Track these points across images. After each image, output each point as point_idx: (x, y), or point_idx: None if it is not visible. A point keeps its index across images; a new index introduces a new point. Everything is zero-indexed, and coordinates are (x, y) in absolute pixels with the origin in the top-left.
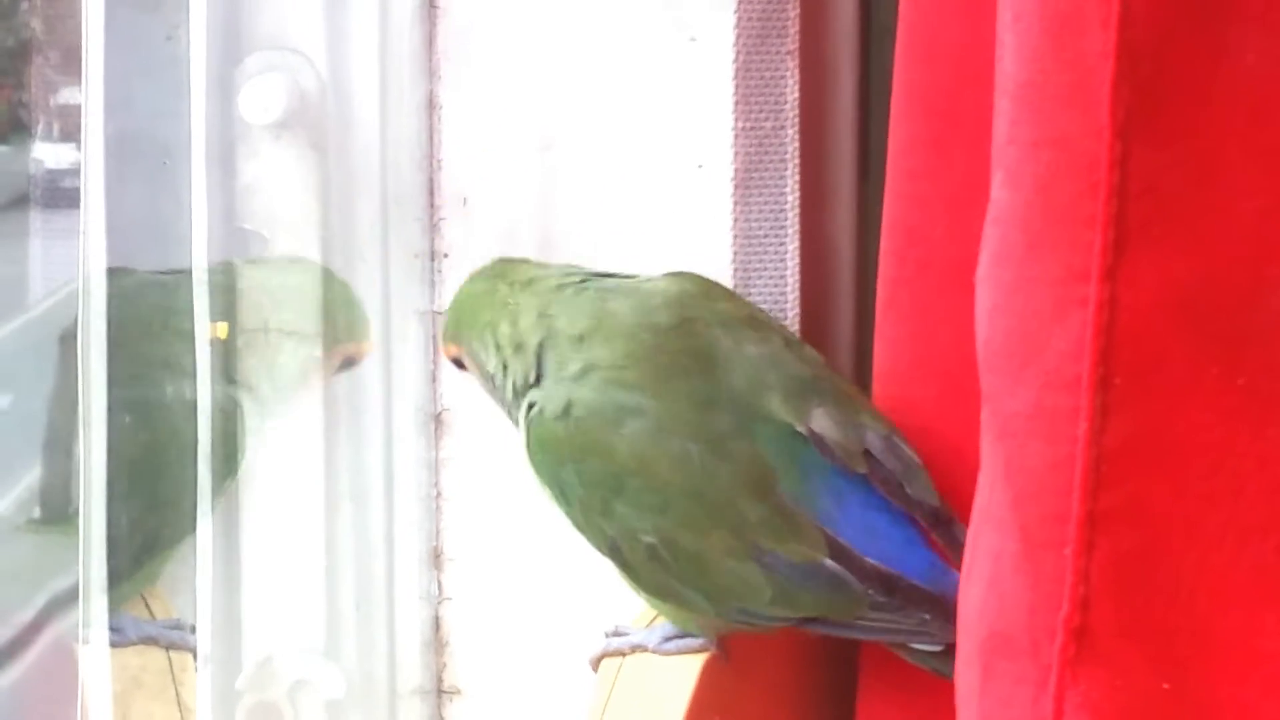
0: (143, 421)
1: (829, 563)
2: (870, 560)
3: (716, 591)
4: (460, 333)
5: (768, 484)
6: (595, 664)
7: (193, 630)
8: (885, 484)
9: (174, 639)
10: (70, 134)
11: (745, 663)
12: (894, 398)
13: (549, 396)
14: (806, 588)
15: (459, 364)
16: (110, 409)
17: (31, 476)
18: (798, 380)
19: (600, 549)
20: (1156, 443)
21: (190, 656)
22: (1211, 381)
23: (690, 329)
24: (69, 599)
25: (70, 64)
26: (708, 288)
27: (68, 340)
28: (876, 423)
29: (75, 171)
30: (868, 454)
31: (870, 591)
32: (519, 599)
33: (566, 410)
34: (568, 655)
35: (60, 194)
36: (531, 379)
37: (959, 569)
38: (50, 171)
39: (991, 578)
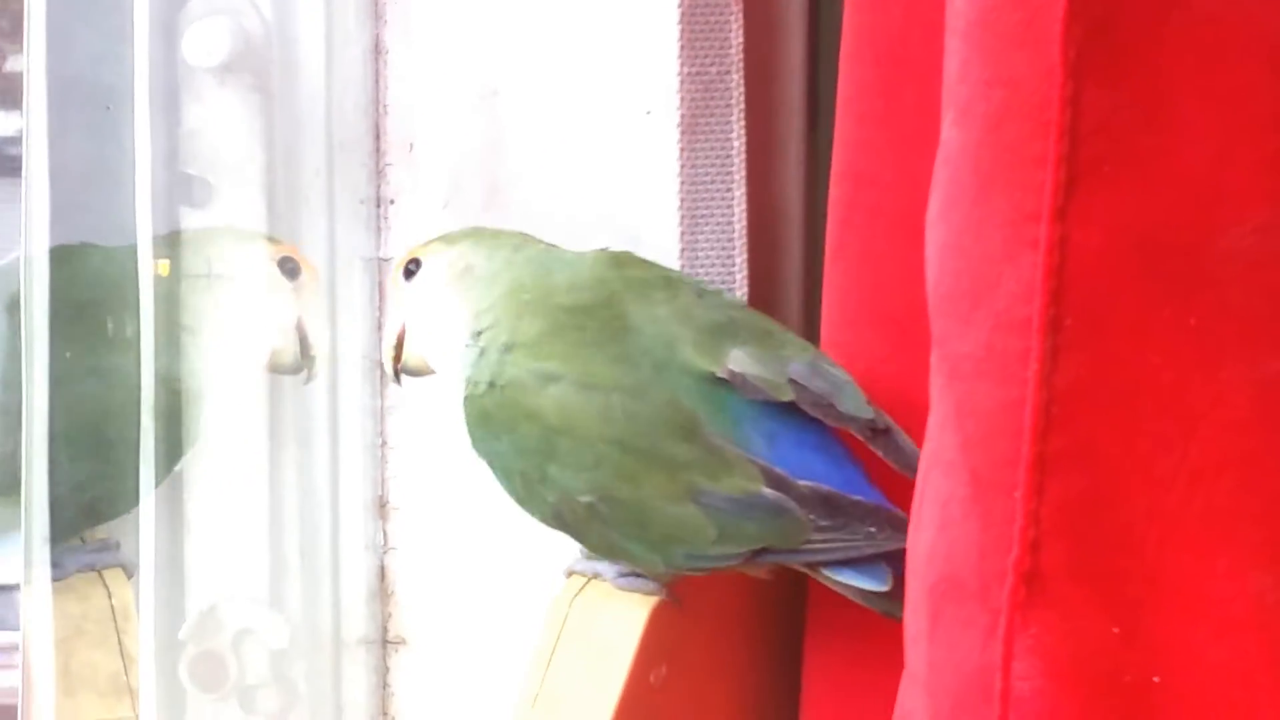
0: (87, 382)
1: (767, 491)
2: (807, 483)
3: (660, 540)
4: (466, 235)
5: (694, 427)
6: (566, 574)
7: (118, 546)
8: (816, 406)
9: (107, 560)
10: (18, 101)
11: (693, 609)
12: (843, 344)
13: (476, 376)
14: (748, 520)
15: (412, 269)
16: (54, 370)
17: None
18: (711, 327)
19: (546, 520)
20: (1107, 385)
21: (132, 605)
22: (1163, 323)
23: (606, 304)
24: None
25: (18, 31)
26: (620, 258)
27: (11, 310)
28: (800, 351)
29: (17, 140)
30: (793, 382)
31: (812, 515)
32: (464, 549)
33: (491, 384)
34: (513, 605)
35: (7, 161)
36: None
37: (899, 476)
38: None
39: (941, 522)
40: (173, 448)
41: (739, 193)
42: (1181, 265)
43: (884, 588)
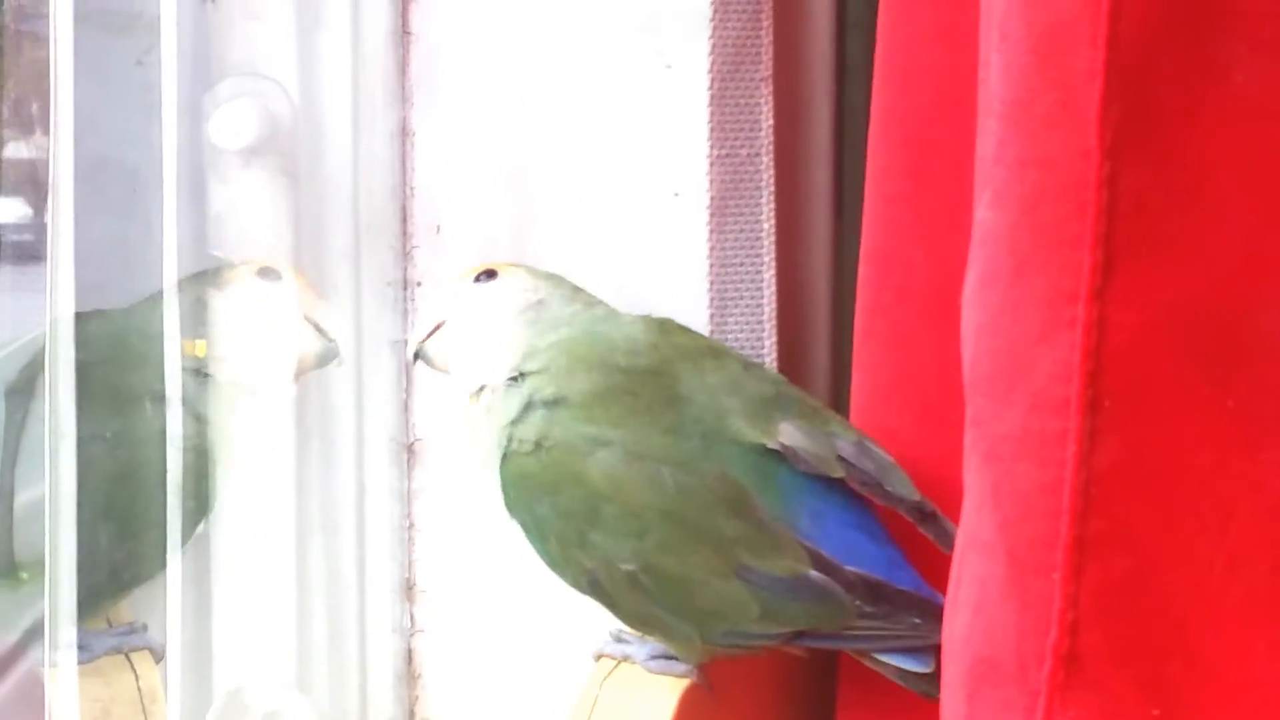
0: (112, 454)
1: (814, 574)
2: (853, 569)
3: (701, 615)
4: (552, 276)
5: (744, 501)
6: (595, 658)
7: (145, 628)
8: (864, 485)
9: (135, 642)
10: (18, 188)
11: (724, 693)
12: (873, 426)
13: (521, 434)
14: (793, 601)
15: (488, 275)
16: (79, 442)
17: None
18: (760, 399)
19: (579, 585)
20: (1146, 466)
21: (159, 688)
22: (1201, 403)
23: (658, 371)
24: (23, 648)
25: (18, 116)
26: (666, 325)
27: (12, 395)
28: (845, 430)
29: (24, 226)
30: (842, 459)
31: (857, 601)
32: (492, 632)
33: (538, 445)
34: (542, 688)
35: (10, 250)
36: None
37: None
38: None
39: (978, 603)
40: (199, 504)
41: (768, 274)
42: (1220, 346)
43: (926, 669)
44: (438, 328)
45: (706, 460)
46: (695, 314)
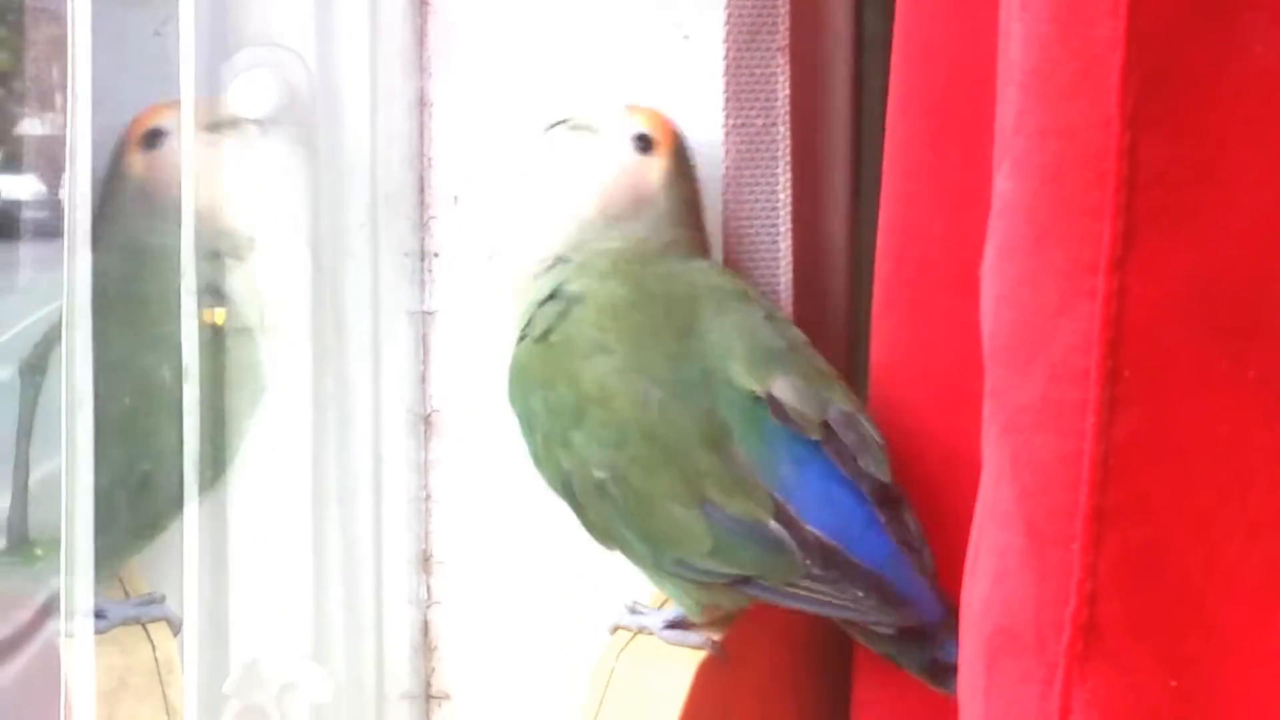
0: (128, 400)
1: (772, 524)
2: (813, 529)
3: (657, 536)
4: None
5: (723, 439)
6: (611, 630)
7: (163, 599)
8: (838, 455)
9: (153, 613)
10: (35, 165)
11: (740, 664)
12: (891, 397)
13: (534, 324)
14: (746, 545)
15: (646, 143)
16: (95, 393)
17: None
18: (768, 350)
19: (554, 485)
20: (1165, 436)
21: (176, 658)
22: (1221, 374)
23: (684, 302)
24: (38, 624)
25: (34, 94)
26: (712, 264)
27: (27, 371)
28: (844, 399)
29: (37, 203)
30: (825, 425)
31: (808, 560)
32: (508, 603)
33: (544, 335)
34: (557, 659)
35: (18, 226)
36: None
37: (903, 549)
38: (17, 203)
39: (997, 573)
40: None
41: (784, 245)
42: (1239, 316)
43: (888, 630)
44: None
45: (698, 393)
46: None
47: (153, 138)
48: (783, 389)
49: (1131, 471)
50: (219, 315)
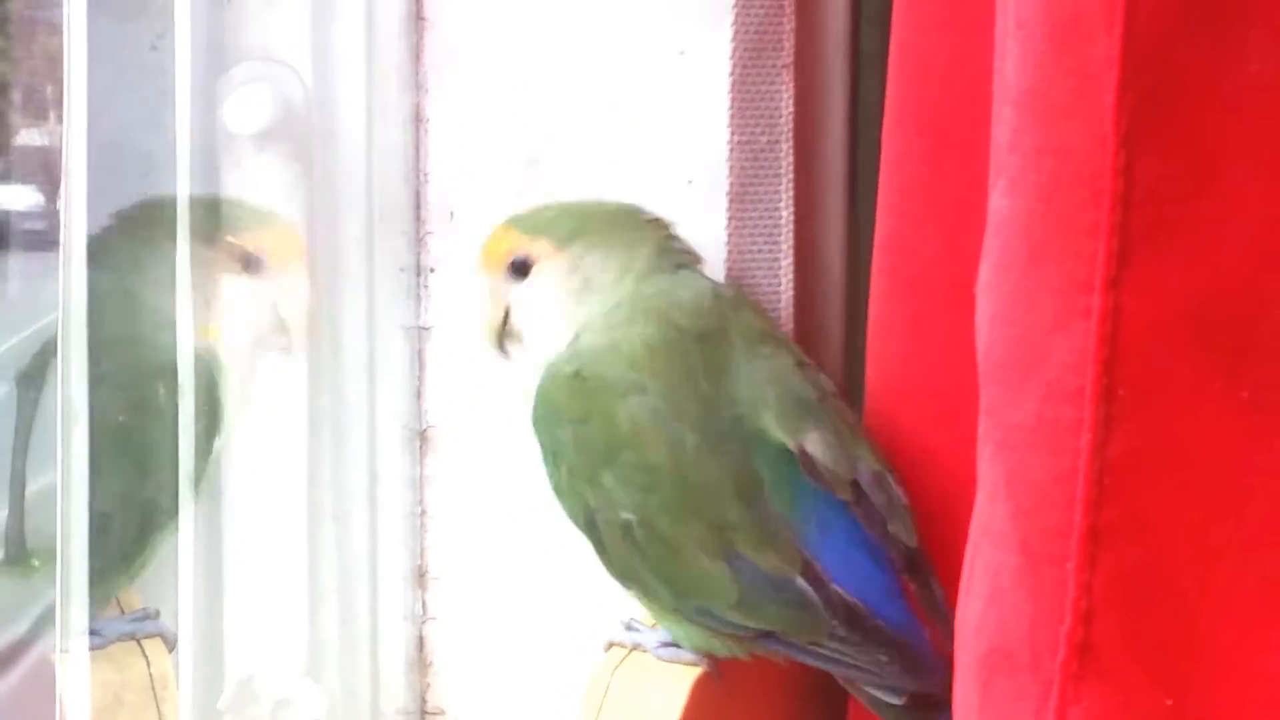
0: (122, 416)
1: (799, 580)
2: (841, 590)
3: (682, 584)
4: (580, 236)
5: (755, 492)
6: (606, 647)
7: (158, 614)
8: (867, 517)
9: (147, 629)
10: (31, 176)
11: (735, 683)
12: (886, 414)
13: (564, 358)
14: (771, 601)
15: (521, 268)
16: (91, 407)
17: None
18: (799, 401)
19: (575, 520)
20: (1160, 456)
21: (171, 674)
22: (1216, 394)
23: (716, 340)
24: (35, 636)
25: (31, 103)
26: (737, 298)
27: (24, 382)
28: (871, 458)
29: (34, 214)
30: (855, 485)
31: (834, 620)
32: (504, 619)
33: (577, 372)
34: (553, 676)
35: (18, 237)
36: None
37: (925, 619)
38: (10, 214)
39: (991, 592)
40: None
41: (785, 262)
42: (1234, 335)
43: (897, 701)
44: (504, 319)
45: (732, 441)
46: None
47: None
48: (815, 444)
49: (1126, 490)
50: (213, 331)
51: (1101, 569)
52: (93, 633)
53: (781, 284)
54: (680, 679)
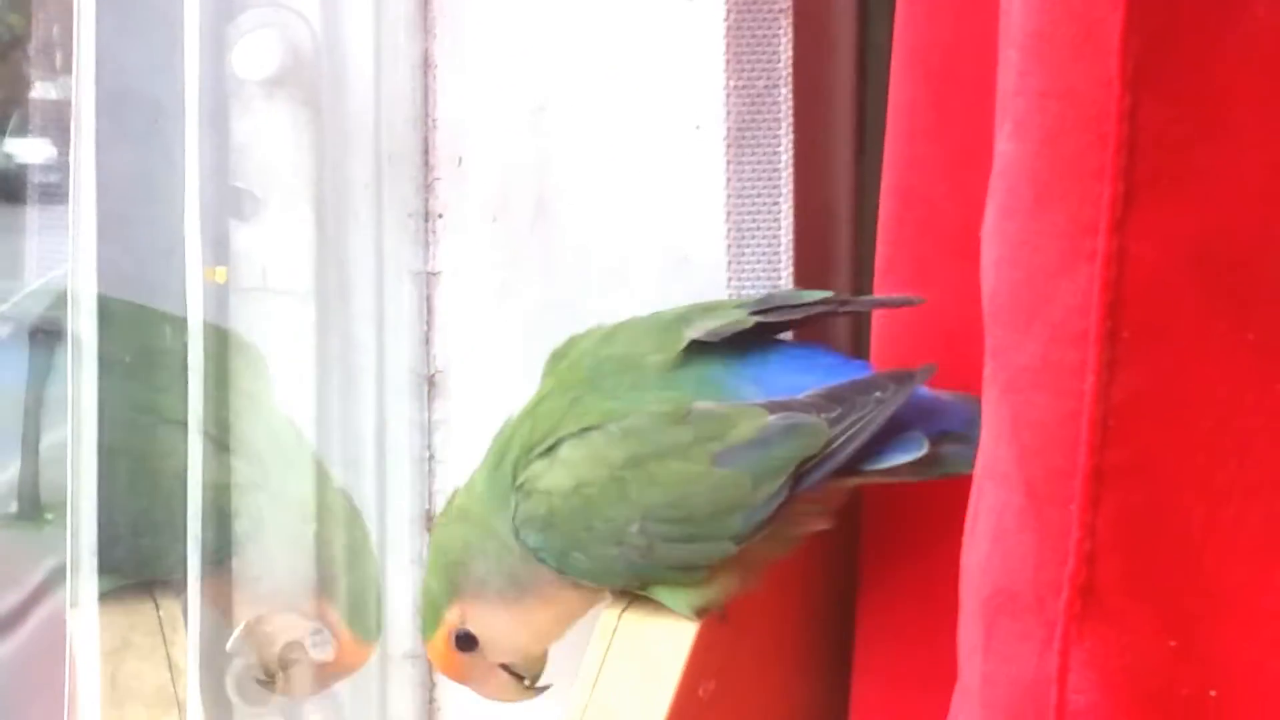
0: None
1: (774, 419)
2: (801, 395)
3: (714, 519)
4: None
5: (685, 409)
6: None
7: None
8: (780, 310)
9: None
10: (45, 129)
11: (741, 624)
12: (892, 360)
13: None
14: (771, 452)
15: (466, 641)
16: (101, 394)
17: (9, 473)
18: (662, 328)
19: (624, 578)
20: (1164, 397)
21: (180, 618)
22: (1220, 336)
23: (567, 376)
24: (49, 589)
25: (45, 57)
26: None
27: (38, 336)
28: (741, 301)
29: (49, 167)
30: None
31: (821, 416)
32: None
33: (516, 507)
34: None
35: (38, 189)
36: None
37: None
38: (26, 167)
39: (995, 534)
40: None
41: (786, 207)
42: (1238, 278)
43: (923, 451)
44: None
45: (640, 401)
46: (713, 248)
47: None
48: (696, 330)
49: (1130, 432)
50: (219, 273)
51: (1105, 510)
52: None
53: (781, 228)
54: (687, 622)
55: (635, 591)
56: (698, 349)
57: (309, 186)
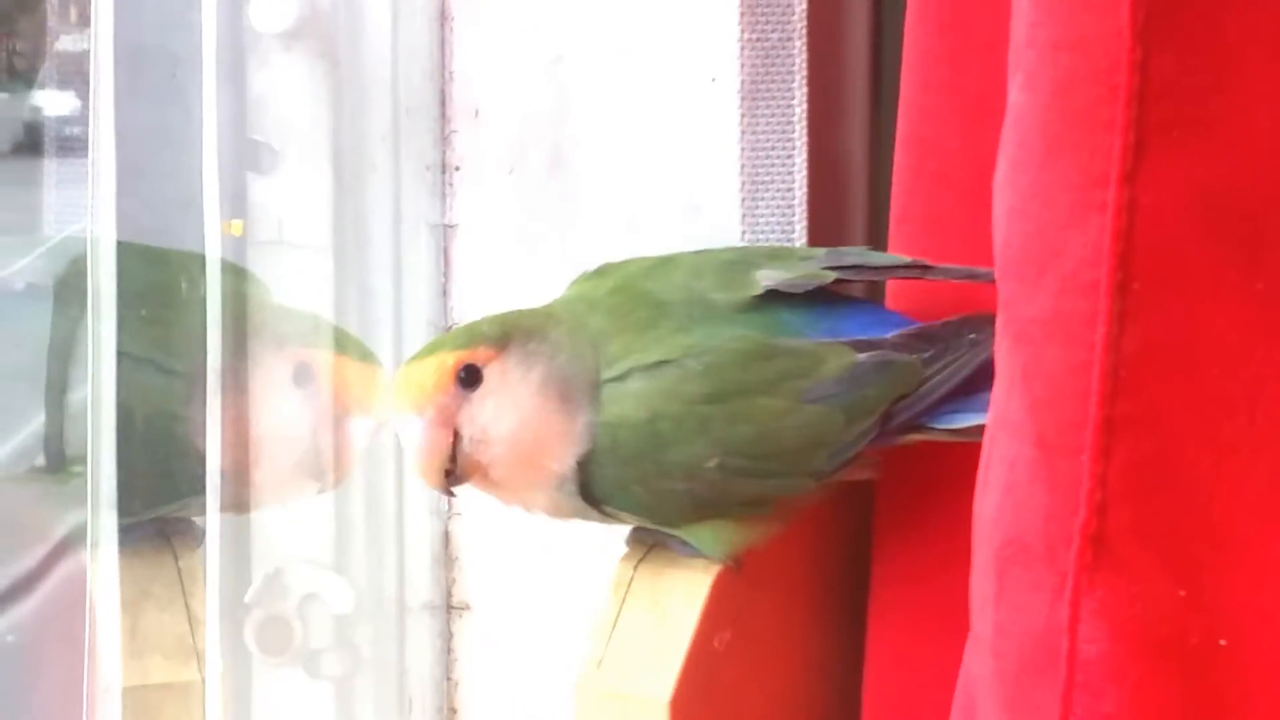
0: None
1: (863, 356)
2: (890, 335)
3: (798, 456)
4: (514, 330)
5: (767, 346)
6: (629, 541)
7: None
8: (857, 270)
9: (175, 526)
10: (67, 81)
11: (757, 575)
12: (907, 310)
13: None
14: (863, 390)
15: (469, 379)
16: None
17: (34, 426)
18: (724, 266)
19: (685, 515)
20: (1174, 348)
21: (199, 569)
22: (1230, 287)
23: (626, 291)
24: (75, 542)
25: (69, 9)
26: (601, 269)
27: (63, 289)
28: (812, 250)
29: (73, 119)
30: (826, 268)
31: (914, 355)
32: (528, 514)
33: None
34: (577, 570)
35: (63, 142)
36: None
37: None
38: (51, 119)
39: (1007, 484)
40: None
41: (799, 159)
42: (1249, 229)
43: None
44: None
45: (716, 336)
46: (727, 199)
47: None
48: (769, 278)
49: (1141, 383)
50: (235, 226)
51: (1116, 461)
52: (121, 529)
53: (795, 180)
54: (702, 570)
55: (667, 531)
56: (768, 293)
57: (326, 139)
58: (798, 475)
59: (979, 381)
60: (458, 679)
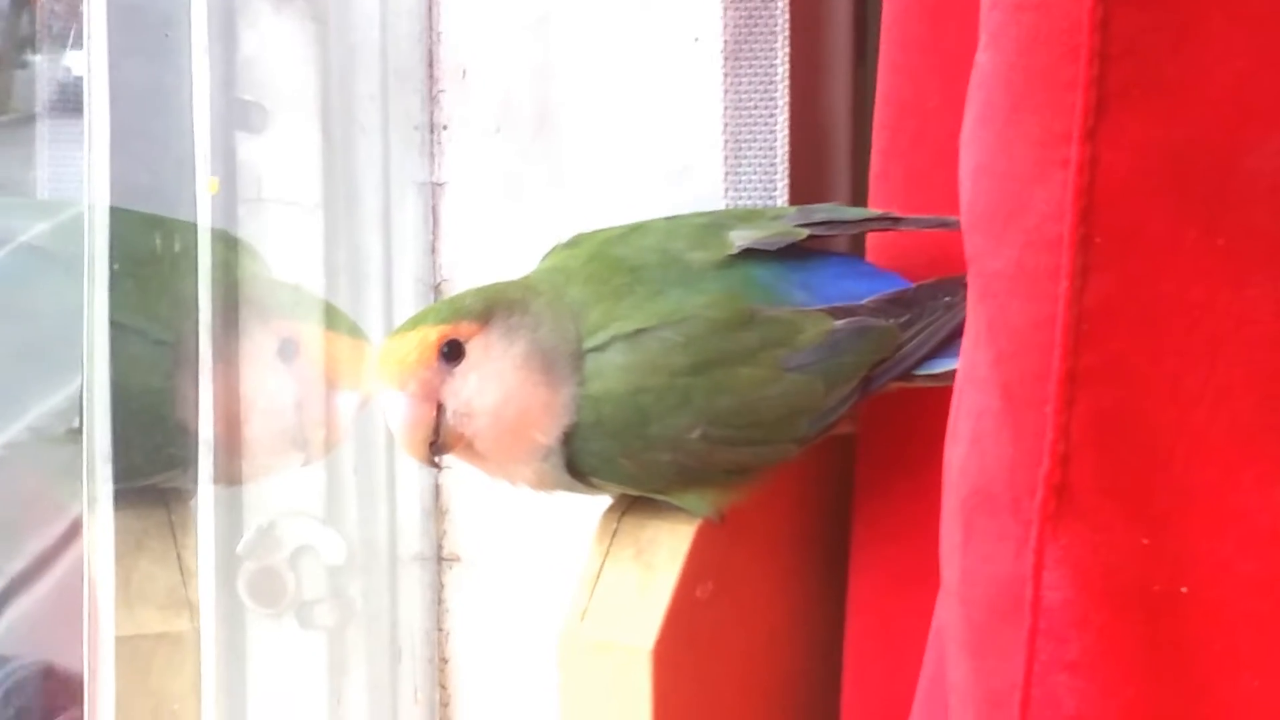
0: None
1: (840, 324)
2: (864, 301)
3: (781, 424)
4: (497, 304)
5: (745, 312)
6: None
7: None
8: (828, 225)
9: (168, 477)
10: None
11: (740, 526)
12: (886, 266)
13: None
14: (842, 355)
15: (451, 354)
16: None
17: (73, 388)
18: (697, 229)
19: (670, 484)
20: (1136, 302)
21: (191, 521)
22: (1191, 242)
23: (600, 260)
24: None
25: None
26: (573, 239)
27: (71, 268)
28: (783, 209)
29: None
30: (797, 225)
31: (890, 320)
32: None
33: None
34: (564, 522)
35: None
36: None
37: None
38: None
39: (973, 436)
40: None
41: (782, 119)
42: (1209, 185)
43: None
44: (438, 417)
45: (692, 301)
46: (710, 159)
47: None
48: (741, 238)
49: (1103, 336)
50: (213, 184)
51: (1079, 413)
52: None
53: (777, 140)
54: (686, 521)
55: (650, 496)
56: (742, 252)
57: (315, 99)
58: (780, 442)
59: (956, 335)
60: (448, 629)
